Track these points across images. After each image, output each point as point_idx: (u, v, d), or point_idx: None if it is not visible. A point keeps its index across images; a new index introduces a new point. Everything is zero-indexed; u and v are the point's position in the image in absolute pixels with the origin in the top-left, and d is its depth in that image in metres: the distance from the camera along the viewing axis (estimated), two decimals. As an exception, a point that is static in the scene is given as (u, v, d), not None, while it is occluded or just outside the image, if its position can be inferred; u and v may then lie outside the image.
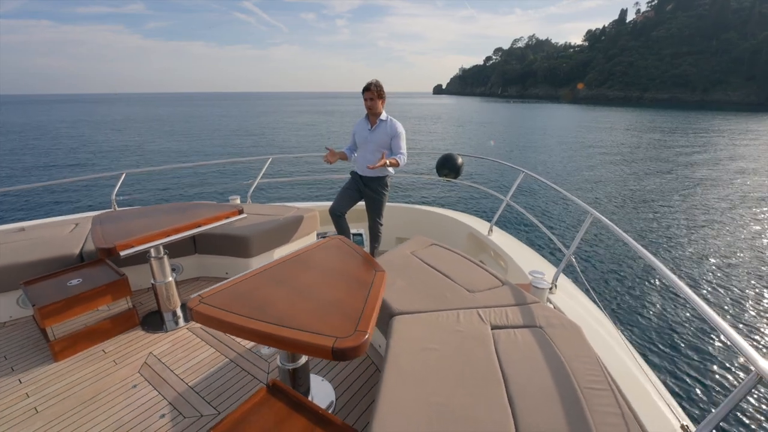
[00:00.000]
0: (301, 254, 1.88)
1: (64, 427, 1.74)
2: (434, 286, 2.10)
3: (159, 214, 2.48)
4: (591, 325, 1.96)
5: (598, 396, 1.35)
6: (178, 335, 2.38)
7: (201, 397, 1.91)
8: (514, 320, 1.81)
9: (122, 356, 2.19)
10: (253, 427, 1.30)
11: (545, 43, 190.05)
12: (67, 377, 2.04)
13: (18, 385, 1.98)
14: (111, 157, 18.15)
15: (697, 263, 6.75)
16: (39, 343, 2.30)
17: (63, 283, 2.29)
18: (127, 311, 2.40)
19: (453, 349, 1.58)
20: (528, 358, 1.54)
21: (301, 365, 1.69)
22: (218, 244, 2.94)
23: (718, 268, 6.53)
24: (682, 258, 6.97)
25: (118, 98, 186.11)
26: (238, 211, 2.53)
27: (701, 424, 1.14)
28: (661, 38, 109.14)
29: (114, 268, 2.46)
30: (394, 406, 1.30)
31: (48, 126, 34.20)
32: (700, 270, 6.47)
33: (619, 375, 1.57)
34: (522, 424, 1.24)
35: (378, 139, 2.93)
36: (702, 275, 6.28)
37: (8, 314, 2.51)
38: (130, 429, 1.73)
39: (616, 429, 1.22)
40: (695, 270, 6.47)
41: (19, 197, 10.62)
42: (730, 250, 7.27)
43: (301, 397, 1.41)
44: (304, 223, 3.29)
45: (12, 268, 2.40)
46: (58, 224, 3.06)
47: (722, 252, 7.22)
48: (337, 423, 1.31)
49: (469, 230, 3.49)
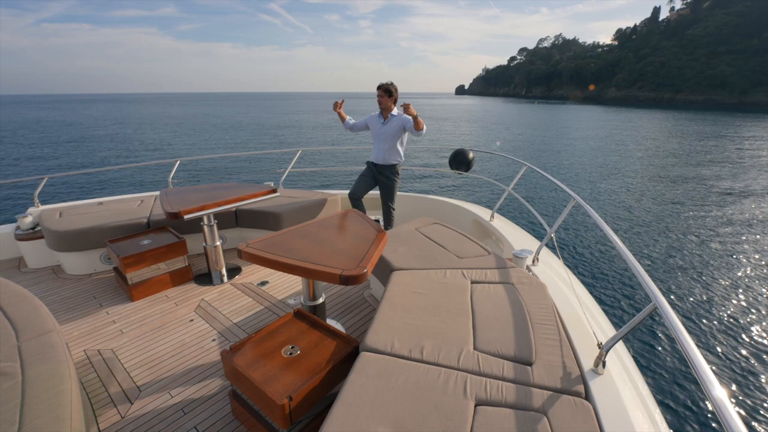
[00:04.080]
0: (322, 220, 2.39)
1: (143, 343, 2.31)
2: (430, 252, 2.56)
3: (210, 190, 3.06)
4: (558, 286, 2.37)
5: (545, 329, 1.77)
6: (223, 288, 2.94)
7: (242, 329, 2.45)
8: (492, 278, 2.25)
9: (181, 300, 2.77)
10: (282, 334, 1.82)
11: (572, 43, 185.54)
12: (141, 312, 2.63)
13: (107, 315, 2.59)
14: (159, 147, 21.58)
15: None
16: (118, 289, 2.92)
17: (137, 242, 2.90)
18: (184, 267, 2.99)
19: (436, 294, 2.04)
20: (495, 302, 1.98)
21: (319, 304, 2.19)
22: (255, 219, 3.51)
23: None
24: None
25: (152, 98, 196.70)
26: (273, 190, 3.07)
27: (608, 340, 1.56)
28: (696, 37, 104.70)
29: (175, 234, 3.06)
30: (384, 325, 1.77)
31: (106, 121, 39.95)
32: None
33: (567, 317, 1.98)
34: (479, 340, 1.68)
35: (391, 131, 3.43)
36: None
37: (93, 268, 3.15)
38: (190, 347, 2.28)
39: (551, 348, 1.64)
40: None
41: (96, 177, 13.49)
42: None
43: (318, 318, 1.92)
44: (327, 205, 3.82)
45: (98, 231, 3.03)
46: (127, 200, 3.72)
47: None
48: (343, 335, 1.81)
49: (473, 217, 3.92)
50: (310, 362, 1.65)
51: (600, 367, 1.51)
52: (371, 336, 1.67)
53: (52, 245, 3.05)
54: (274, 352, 1.71)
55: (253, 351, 1.71)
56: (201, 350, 2.26)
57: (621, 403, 1.37)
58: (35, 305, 1.87)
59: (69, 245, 3.01)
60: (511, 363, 1.52)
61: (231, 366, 1.63)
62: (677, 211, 9.98)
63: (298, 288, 2.97)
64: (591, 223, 8.65)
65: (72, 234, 2.98)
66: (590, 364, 1.54)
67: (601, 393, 1.40)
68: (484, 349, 1.61)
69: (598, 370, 1.50)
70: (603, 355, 1.50)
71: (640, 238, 8.14)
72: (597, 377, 1.48)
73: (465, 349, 1.59)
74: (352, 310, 2.69)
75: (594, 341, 1.70)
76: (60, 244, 3.00)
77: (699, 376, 1.04)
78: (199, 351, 2.25)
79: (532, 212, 3.24)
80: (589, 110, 64.73)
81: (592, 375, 1.49)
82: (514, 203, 9.50)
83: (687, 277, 6.39)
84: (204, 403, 1.89)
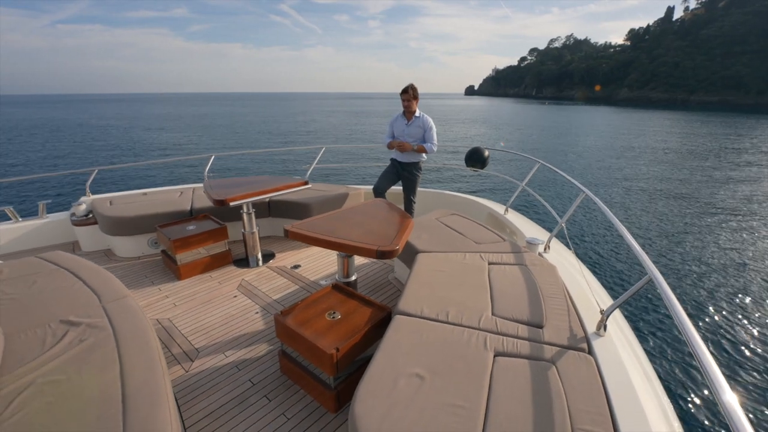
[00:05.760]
0: (354, 207, 2.67)
1: (195, 314, 2.62)
2: (450, 238, 2.82)
3: (247, 182, 3.36)
4: (567, 269, 2.61)
5: (554, 301, 2.01)
6: (260, 270, 3.24)
7: (281, 305, 2.74)
8: (507, 261, 2.50)
9: (224, 280, 3.08)
10: (324, 303, 2.11)
11: (584, 43, 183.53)
12: (189, 289, 2.94)
13: (159, 291, 2.91)
14: (182, 144, 22.86)
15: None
16: (165, 269, 3.24)
17: (183, 228, 3.22)
18: (225, 251, 3.30)
19: (457, 272, 2.30)
20: (510, 280, 2.23)
21: (352, 281, 2.47)
22: (286, 209, 3.81)
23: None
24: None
25: (165, 98, 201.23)
26: (305, 182, 3.37)
27: (608, 307, 1.80)
28: (711, 37, 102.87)
29: (216, 221, 3.37)
30: (413, 295, 2.03)
31: (139, 119, 43.57)
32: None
33: (575, 293, 2.22)
34: (496, 307, 1.94)
35: (414, 132, 3.71)
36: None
37: (141, 251, 3.49)
38: (237, 318, 2.58)
39: (559, 315, 1.89)
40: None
41: (134, 171, 14.44)
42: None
43: (353, 290, 2.20)
44: (351, 198, 4.11)
45: (145, 218, 3.36)
46: (168, 191, 4.06)
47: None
48: (377, 303, 2.08)
49: (488, 211, 4.16)
50: (350, 325, 1.93)
51: (602, 330, 1.76)
52: (403, 303, 1.94)
53: (105, 230, 3.39)
54: (318, 316, 1.99)
55: (300, 315, 2.00)
56: (246, 321, 2.55)
57: (619, 358, 1.61)
58: (107, 276, 2.18)
59: (121, 230, 3.34)
60: (525, 326, 1.78)
61: (284, 326, 1.91)
62: (694, 213, 10.10)
63: (328, 271, 3.26)
64: (600, 217, 9.10)
65: (124, 220, 3.31)
66: (593, 327, 1.79)
67: (602, 350, 1.65)
68: (501, 314, 1.86)
69: (600, 333, 1.75)
70: (604, 320, 1.75)
71: (650, 234, 8.39)
72: (599, 338, 1.73)
73: (484, 315, 1.85)
74: (378, 290, 2.97)
75: (597, 313, 1.95)
76: (113, 228, 3.33)
77: (687, 337, 1.19)
78: (244, 321, 2.55)
79: (544, 204, 3.47)
80: (601, 111, 64.15)
81: (594, 336, 1.74)
82: (526, 200, 9.83)
83: (677, 253, 7.32)
84: (255, 362, 2.18)
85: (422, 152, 3.74)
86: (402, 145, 3.68)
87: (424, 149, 3.69)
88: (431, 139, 3.71)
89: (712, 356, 1.08)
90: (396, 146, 3.74)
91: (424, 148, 3.68)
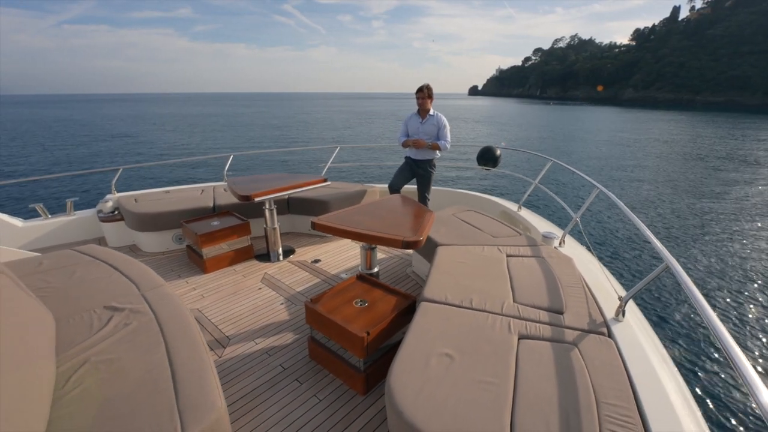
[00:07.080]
0: (376, 201, 2.77)
1: (222, 305, 2.73)
2: (468, 232, 2.91)
3: (269, 179, 3.48)
4: (583, 261, 2.69)
5: (573, 290, 2.10)
6: (282, 265, 3.36)
7: (304, 296, 2.85)
8: (524, 253, 2.59)
9: (247, 273, 3.19)
10: (351, 291, 2.21)
11: (588, 43, 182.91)
12: (216, 282, 3.05)
13: (186, 284, 3.02)
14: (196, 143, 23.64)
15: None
16: (190, 263, 3.36)
17: (208, 223, 3.34)
18: (248, 246, 3.41)
19: (477, 263, 2.40)
20: (529, 270, 2.32)
21: (375, 272, 2.57)
22: (305, 206, 3.92)
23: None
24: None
25: (171, 97, 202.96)
26: (324, 179, 3.47)
27: (626, 294, 1.89)
28: (717, 37, 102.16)
29: (239, 217, 3.49)
30: (436, 283, 2.12)
31: (156, 119, 44.74)
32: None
33: (592, 282, 2.31)
34: (517, 295, 2.03)
35: (428, 130, 3.81)
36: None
37: (165, 246, 3.61)
38: (263, 309, 2.69)
39: (578, 302, 1.98)
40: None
41: (156, 170, 14.89)
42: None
43: (378, 280, 2.30)
44: (367, 195, 4.21)
45: (170, 214, 3.48)
46: (190, 189, 4.19)
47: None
48: (401, 292, 2.18)
49: (501, 208, 4.24)
50: (377, 311, 2.03)
51: (620, 315, 1.84)
52: (428, 290, 2.04)
53: (132, 226, 3.51)
54: (346, 303, 2.10)
55: (330, 302, 2.10)
56: (272, 311, 2.66)
57: (638, 342, 1.70)
58: (142, 267, 2.29)
59: (147, 226, 3.46)
60: (546, 312, 1.87)
61: (314, 312, 2.02)
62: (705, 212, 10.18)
63: (348, 265, 3.36)
64: (612, 213, 9.30)
65: (150, 216, 3.43)
66: (612, 313, 1.88)
67: (622, 334, 1.74)
68: (522, 301, 1.96)
69: (619, 318, 1.84)
70: (623, 306, 1.84)
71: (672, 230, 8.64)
72: (618, 323, 1.81)
73: (506, 302, 1.95)
74: (397, 283, 3.07)
75: (615, 300, 2.04)
76: (140, 224, 3.46)
77: (706, 319, 1.22)
78: (270, 312, 2.66)
79: (558, 201, 3.55)
80: (606, 111, 63.92)
81: (613, 322, 1.82)
82: (538, 198, 9.93)
83: (694, 244, 7.70)
84: (284, 349, 2.29)
85: (436, 149, 3.84)
86: (417, 143, 3.78)
87: (438, 146, 3.79)
88: (445, 136, 3.80)
89: (734, 340, 1.11)
90: (411, 144, 3.83)
91: (438, 145, 3.78)
